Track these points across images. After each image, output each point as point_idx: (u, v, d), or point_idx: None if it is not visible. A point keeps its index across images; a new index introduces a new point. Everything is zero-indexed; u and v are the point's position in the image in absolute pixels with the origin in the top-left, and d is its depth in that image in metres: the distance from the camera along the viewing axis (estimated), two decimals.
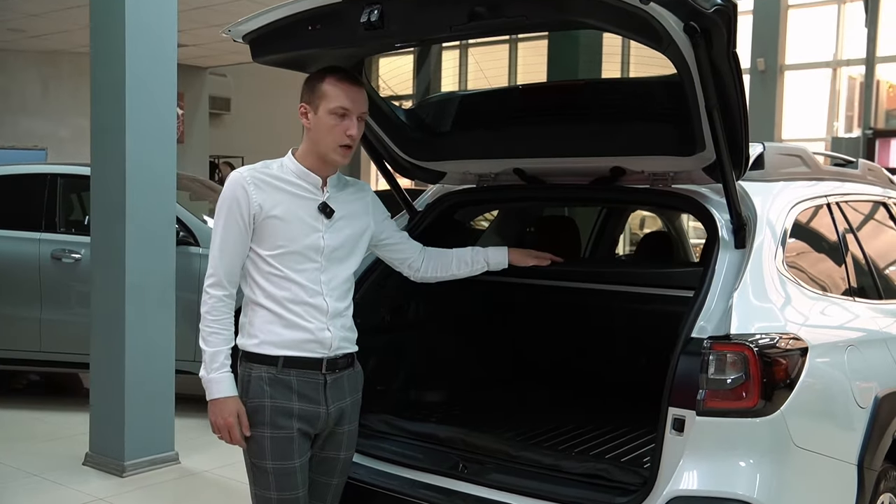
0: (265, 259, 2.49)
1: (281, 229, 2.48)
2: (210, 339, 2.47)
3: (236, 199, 2.46)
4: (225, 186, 2.51)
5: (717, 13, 2.18)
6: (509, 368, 3.96)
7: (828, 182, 3.31)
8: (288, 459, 2.48)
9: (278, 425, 2.48)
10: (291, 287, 2.49)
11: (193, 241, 5.87)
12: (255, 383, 2.49)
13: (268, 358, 2.49)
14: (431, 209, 3.39)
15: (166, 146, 4.88)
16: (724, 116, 2.43)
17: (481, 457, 2.83)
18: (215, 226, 2.51)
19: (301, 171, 2.55)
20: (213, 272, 2.49)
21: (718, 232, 2.67)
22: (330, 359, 2.54)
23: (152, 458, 4.85)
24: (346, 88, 2.51)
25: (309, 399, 2.51)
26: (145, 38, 4.69)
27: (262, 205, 2.46)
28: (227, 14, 9.75)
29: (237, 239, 2.48)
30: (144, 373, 4.79)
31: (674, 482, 2.37)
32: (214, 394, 2.46)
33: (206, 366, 2.47)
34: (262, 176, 2.51)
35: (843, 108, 12.77)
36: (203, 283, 2.47)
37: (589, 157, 3.01)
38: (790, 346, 2.45)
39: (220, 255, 2.49)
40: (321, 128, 2.51)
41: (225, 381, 2.46)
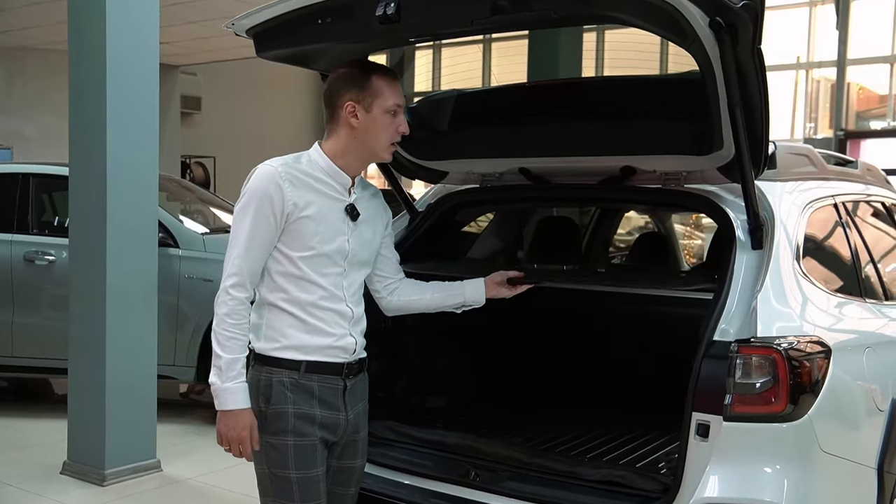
0: (293, 261, 2.36)
1: (312, 231, 2.36)
2: (228, 344, 2.31)
3: (269, 195, 2.31)
4: (255, 179, 2.35)
5: (744, 8, 2.13)
6: (512, 373, 3.90)
7: (833, 182, 3.29)
8: (312, 468, 2.38)
9: (302, 433, 2.37)
10: (317, 291, 2.38)
11: (172, 242, 5.79)
12: (276, 388, 2.37)
13: (290, 362, 2.37)
14: (433, 210, 3.31)
15: (148, 145, 4.75)
16: (746, 115, 2.38)
17: (493, 464, 2.76)
18: (240, 221, 2.34)
19: (332, 170, 2.42)
20: (237, 272, 2.33)
21: (735, 232, 2.62)
22: (349, 363, 2.45)
23: (134, 465, 4.74)
24: (396, 85, 2.43)
25: (329, 405, 2.42)
26: (127, 34, 4.57)
27: (297, 203, 2.33)
28: (200, 11, 9.60)
29: (266, 237, 2.34)
30: (126, 378, 4.67)
31: (700, 489, 2.31)
32: (229, 405, 2.32)
33: (222, 373, 2.31)
34: (294, 172, 2.36)
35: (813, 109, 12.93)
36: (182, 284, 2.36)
37: (598, 157, 2.95)
38: (815, 349, 2.41)
39: (245, 254, 2.33)
40: (376, 126, 2.40)
41: (241, 392, 2.32)
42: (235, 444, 2.33)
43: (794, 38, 12.43)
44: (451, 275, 2.87)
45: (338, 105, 2.41)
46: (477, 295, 2.76)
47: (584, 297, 3.74)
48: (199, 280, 5.72)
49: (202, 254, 5.81)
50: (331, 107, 2.44)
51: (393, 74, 2.45)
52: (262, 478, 2.44)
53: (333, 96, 2.43)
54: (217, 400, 2.33)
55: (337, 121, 2.43)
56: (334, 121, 2.44)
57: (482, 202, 3.43)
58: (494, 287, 2.78)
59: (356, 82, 2.40)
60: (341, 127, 2.42)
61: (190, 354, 5.72)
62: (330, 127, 2.45)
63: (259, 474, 2.45)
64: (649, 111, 2.81)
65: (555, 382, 3.90)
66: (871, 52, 12.08)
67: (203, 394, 7.05)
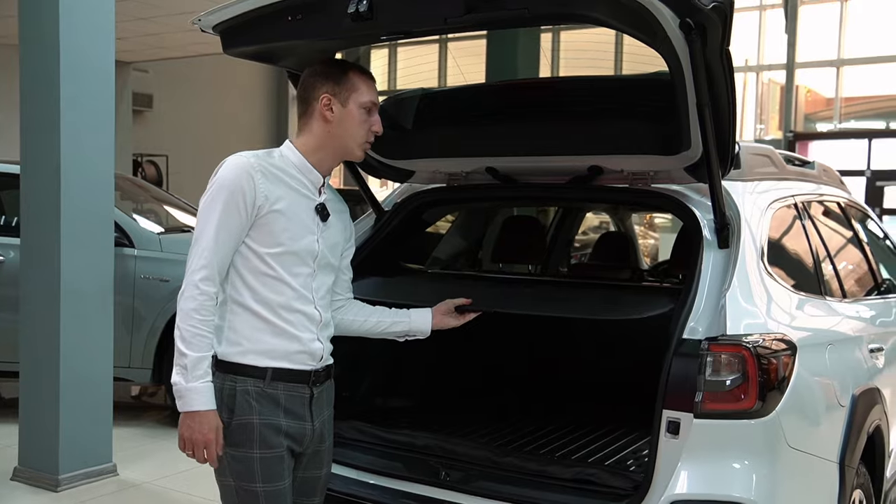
0: (262, 257, 2.27)
1: (283, 226, 2.28)
2: (194, 341, 2.20)
3: (240, 186, 2.22)
4: (226, 169, 2.26)
5: (714, 10, 2.15)
6: (478, 374, 3.90)
7: (793, 182, 3.35)
8: (278, 480, 2.30)
9: (268, 444, 2.28)
10: (286, 291, 2.30)
11: (127, 242, 5.70)
12: (240, 398, 2.27)
13: (254, 370, 2.27)
14: (400, 209, 3.30)
15: (104, 142, 4.66)
16: (714, 115, 2.41)
17: (463, 464, 2.75)
18: (208, 212, 2.24)
19: (304, 166, 2.36)
20: (206, 264, 2.21)
21: (702, 232, 2.65)
22: (316, 371, 2.37)
23: (88, 470, 4.65)
24: (372, 83, 2.41)
25: (295, 415, 2.33)
26: (81, 28, 4.48)
27: (268, 196, 2.25)
28: (152, 7, 9.44)
29: (235, 230, 2.24)
30: (81, 380, 4.58)
31: (671, 486, 2.33)
32: (194, 405, 2.20)
33: (187, 373, 2.19)
34: (266, 164, 2.29)
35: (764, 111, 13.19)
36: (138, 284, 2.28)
37: (565, 156, 2.97)
38: (782, 346, 2.45)
39: (214, 246, 2.22)
40: (350, 121, 2.36)
41: (207, 392, 2.21)
42: (201, 447, 2.22)
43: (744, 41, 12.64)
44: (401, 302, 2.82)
45: (312, 98, 2.37)
46: (423, 325, 2.72)
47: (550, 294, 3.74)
48: (155, 280, 5.63)
49: (158, 254, 5.73)
50: (305, 100, 2.39)
51: (370, 74, 2.43)
52: (227, 490, 2.34)
53: (308, 89, 2.38)
54: (181, 401, 2.22)
55: (311, 114, 2.38)
56: (308, 114, 2.38)
57: (449, 201, 3.42)
58: (441, 318, 2.74)
59: (333, 76, 2.36)
60: (315, 120, 2.37)
61: (146, 356, 5.64)
62: (303, 121, 2.40)
63: (223, 487, 2.35)
64: (617, 111, 2.83)
65: (520, 382, 3.90)
66: (819, 55, 12.36)
67: (156, 395, 6.95)
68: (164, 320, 5.59)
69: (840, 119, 12.35)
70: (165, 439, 5.55)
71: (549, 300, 3.16)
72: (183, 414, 2.23)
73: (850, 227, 3.89)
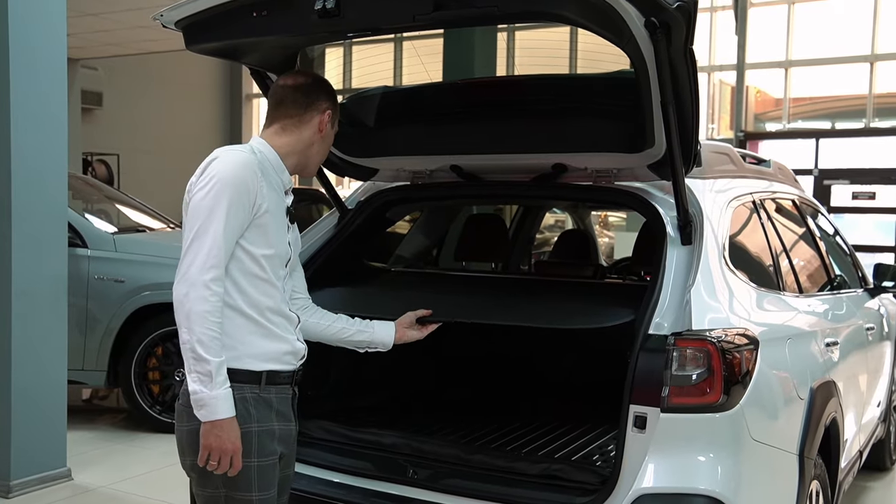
0: (257, 259, 2.20)
1: (273, 228, 2.24)
2: (213, 345, 2.08)
3: (245, 183, 2.15)
4: (228, 165, 2.15)
5: (678, 9, 2.19)
6: (444, 371, 3.90)
7: (750, 180, 3.41)
8: (271, 488, 2.26)
9: (265, 452, 2.23)
10: (275, 294, 2.26)
11: (80, 242, 5.60)
12: (240, 406, 2.17)
13: (250, 374, 2.21)
14: (363, 207, 3.28)
15: (56, 140, 4.57)
16: (678, 113, 2.44)
17: (430, 461, 2.75)
18: (213, 210, 2.11)
19: (280, 168, 2.31)
20: (216, 264, 2.10)
21: (666, 229, 2.69)
22: (297, 371, 2.35)
23: (42, 475, 4.55)
24: None
25: (284, 417, 2.30)
26: (32, 23, 4.37)
27: (266, 196, 2.20)
28: (103, 2, 9.26)
29: (238, 229, 2.16)
30: (33, 383, 4.49)
31: (638, 480, 2.36)
32: (220, 414, 2.10)
33: (210, 380, 2.08)
34: (261, 163, 2.25)
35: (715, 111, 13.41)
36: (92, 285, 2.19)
37: (530, 154, 2.98)
38: (744, 341, 2.49)
39: (223, 245, 2.11)
40: (328, 142, 2.42)
41: (230, 399, 2.12)
42: (228, 455, 2.12)
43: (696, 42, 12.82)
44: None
45: (316, 107, 2.34)
46: (386, 338, 2.72)
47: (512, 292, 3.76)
48: (109, 281, 5.54)
49: (112, 254, 5.63)
50: (302, 106, 2.33)
51: None
52: (215, 500, 2.25)
53: (312, 97, 2.34)
54: (204, 409, 2.11)
55: (306, 121, 2.33)
56: (301, 120, 2.33)
57: (413, 199, 3.41)
58: (403, 331, 2.74)
59: (334, 96, 2.37)
60: (307, 128, 2.34)
61: (100, 358, 5.54)
62: (289, 123, 2.33)
63: (209, 497, 2.25)
64: (582, 109, 2.86)
65: (487, 379, 3.92)
66: (768, 56, 12.61)
67: (108, 399, 6.83)
68: (119, 322, 5.50)
69: (788, 119, 12.61)
70: (120, 443, 5.47)
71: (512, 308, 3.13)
72: (208, 424, 2.12)
73: (804, 223, 3.97)
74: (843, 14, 12.35)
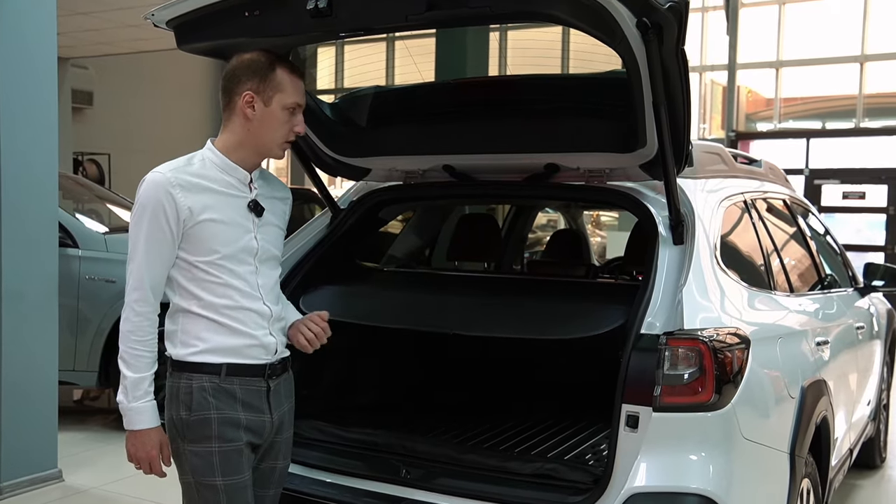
0: (199, 267, 2.26)
1: (214, 233, 2.25)
2: (133, 362, 2.23)
3: (161, 205, 2.21)
4: (144, 189, 2.24)
5: (670, 9, 2.20)
6: (437, 371, 3.90)
7: (742, 180, 3.42)
8: (238, 473, 2.30)
9: (227, 437, 2.28)
10: (232, 294, 2.28)
11: (71, 242, 5.59)
12: (197, 395, 2.27)
13: (210, 366, 2.28)
14: (356, 207, 3.28)
15: (46, 140, 4.55)
16: (670, 113, 2.45)
17: (423, 461, 2.75)
18: (135, 233, 2.25)
19: (228, 166, 2.31)
20: (138, 286, 2.23)
21: (658, 228, 2.69)
22: (271, 364, 2.36)
23: (33, 476, 4.54)
24: (299, 83, 2.33)
25: (253, 408, 2.33)
26: (21, 20, 4.36)
27: (192, 208, 2.22)
28: (93, 1, 9.22)
29: (163, 248, 2.24)
30: (24, 384, 4.47)
31: (630, 479, 2.36)
32: (136, 425, 2.26)
33: (128, 393, 2.24)
34: (186, 177, 2.25)
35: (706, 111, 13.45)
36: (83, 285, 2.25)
37: (522, 154, 2.98)
38: (736, 340, 2.50)
39: (145, 266, 2.23)
40: (271, 121, 2.29)
41: (148, 412, 2.26)
42: (146, 463, 2.29)
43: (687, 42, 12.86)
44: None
45: (235, 93, 2.29)
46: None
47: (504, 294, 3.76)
48: (100, 281, 5.52)
49: (104, 254, 5.62)
50: (227, 93, 2.31)
51: (299, 72, 2.35)
52: (188, 488, 2.34)
53: (232, 82, 2.30)
54: (125, 419, 2.28)
55: (232, 109, 2.31)
56: (229, 109, 2.31)
57: (406, 199, 3.41)
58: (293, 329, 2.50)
59: (259, 72, 2.28)
60: (235, 116, 2.30)
61: (92, 359, 5.53)
62: (224, 116, 2.33)
63: (184, 485, 2.35)
64: (574, 109, 2.86)
65: (479, 378, 3.92)
66: (759, 57, 12.66)
67: (99, 399, 6.81)
68: (110, 322, 5.48)
69: (779, 119, 12.66)
70: (112, 443, 5.44)
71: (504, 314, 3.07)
72: (128, 432, 2.29)
73: (795, 223, 3.99)
74: (833, 14, 12.41)
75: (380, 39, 13.45)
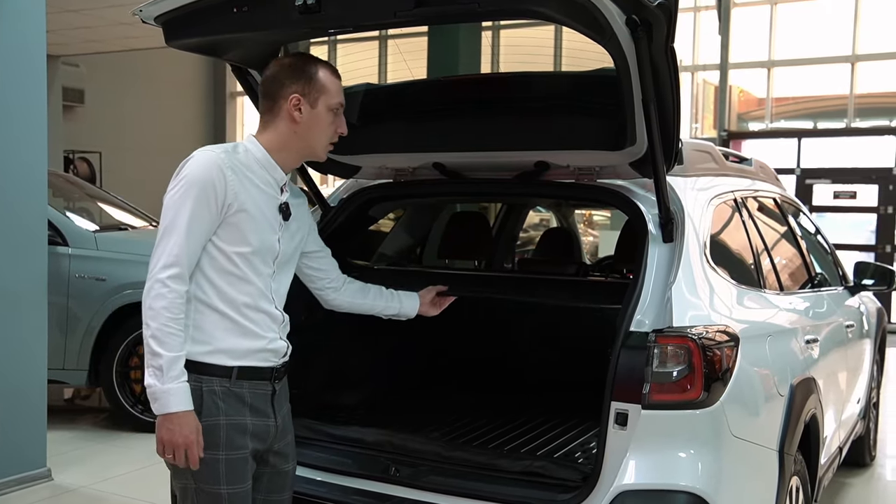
0: (229, 257, 2.23)
1: (250, 226, 2.24)
2: (167, 340, 2.12)
3: (212, 183, 2.17)
4: (195, 165, 2.19)
5: (659, 7, 2.19)
6: (426, 369, 3.89)
7: (732, 178, 3.42)
8: (242, 482, 2.27)
9: (234, 445, 2.25)
10: (252, 291, 2.26)
11: (61, 240, 5.56)
12: (207, 399, 2.21)
13: (221, 369, 2.23)
14: (346, 205, 3.27)
15: (35, 137, 4.53)
16: (659, 111, 2.44)
17: (412, 459, 2.75)
18: (178, 208, 2.17)
19: (269, 164, 2.32)
20: (175, 262, 2.14)
21: (647, 226, 2.69)
22: (277, 368, 2.36)
23: (21, 476, 4.52)
24: (338, 82, 2.37)
25: (259, 412, 2.31)
26: (10, 18, 4.33)
27: (238, 194, 2.21)
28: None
29: (205, 227, 2.18)
30: (12, 383, 4.45)
31: (619, 477, 2.36)
32: (172, 407, 2.13)
33: (162, 374, 2.12)
34: (235, 162, 2.25)
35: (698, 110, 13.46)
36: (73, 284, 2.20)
37: (512, 152, 2.98)
38: (725, 338, 2.50)
39: (185, 243, 2.15)
40: (318, 123, 2.33)
41: (184, 393, 2.15)
42: (181, 449, 2.15)
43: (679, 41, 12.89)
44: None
45: (280, 96, 2.31)
46: (410, 310, 2.88)
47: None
48: (91, 279, 5.50)
49: (94, 252, 5.60)
50: (271, 97, 2.33)
51: (337, 73, 2.39)
52: (186, 493, 2.28)
53: (275, 86, 2.32)
54: (157, 403, 2.15)
55: (277, 113, 2.33)
56: (273, 113, 2.33)
57: (396, 197, 3.41)
58: (426, 306, 2.91)
59: (303, 75, 2.31)
60: (281, 120, 2.32)
61: (81, 357, 5.51)
62: (267, 119, 2.35)
63: (181, 489, 2.29)
64: (564, 107, 2.86)
65: (468, 376, 3.91)
66: (751, 56, 12.68)
67: (90, 398, 6.78)
68: (100, 320, 5.47)
69: (771, 119, 12.67)
70: (101, 442, 5.43)
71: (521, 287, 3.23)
72: (161, 417, 2.16)
73: (785, 221, 3.99)
74: (824, 15, 12.44)
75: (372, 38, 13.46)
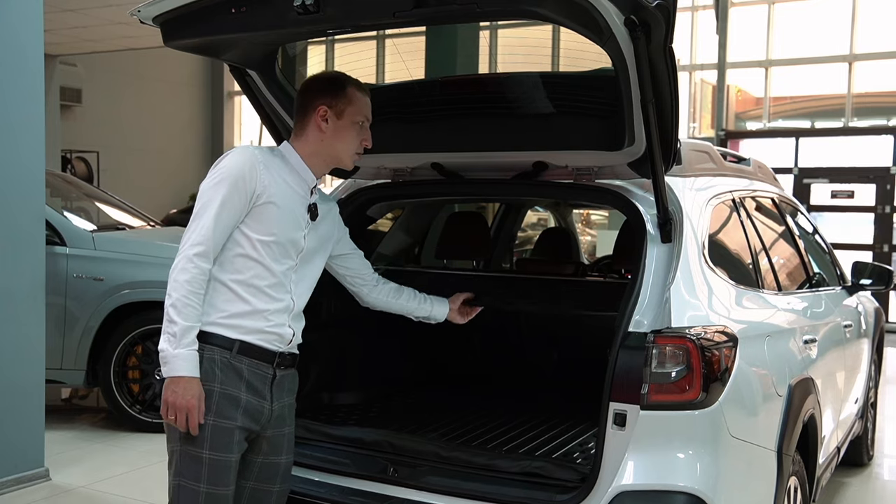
0: (254, 243, 2.40)
1: (276, 217, 2.41)
2: (185, 311, 2.29)
3: (243, 174, 2.37)
4: (232, 158, 2.41)
5: (657, 7, 2.19)
6: (424, 370, 3.89)
7: (730, 178, 3.42)
8: (226, 451, 2.36)
9: (224, 414, 2.36)
10: (268, 277, 2.42)
11: (59, 240, 5.56)
12: (206, 365, 2.35)
13: (223, 339, 2.37)
14: (345, 205, 3.26)
15: (33, 137, 4.52)
16: (658, 111, 2.45)
17: (411, 459, 2.75)
18: (212, 195, 2.36)
19: (301, 167, 2.52)
20: (202, 241, 2.33)
21: (646, 227, 2.69)
22: (282, 353, 2.47)
23: (19, 476, 4.51)
24: (367, 100, 2.55)
25: (255, 391, 2.42)
26: (7, 17, 4.33)
27: (267, 186, 2.40)
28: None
29: (234, 215, 2.37)
30: (10, 383, 4.45)
31: (618, 477, 2.36)
32: (179, 371, 2.28)
33: (175, 340, 2.28)
34: (270, 160, 2.46)
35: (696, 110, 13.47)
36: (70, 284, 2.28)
37: (511, 152, 2.98)
38: (723, 339, 2.50)
39: (214, 226, 2.34)
40: (343, 134, 2.51)
41: (192, 359, 2.30)
42: (183, 412, 2.29)
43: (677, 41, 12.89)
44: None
45: (310, 107, 2.50)
46: (440, 315, 3.02)
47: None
48: (88, 279, 5.49)
49: (92, 252, 5.59)
50: (303, 108, 2.52)
51: (367, 91, 2.56)
52: (173, 456, 2.41)
53: (307, 98, 2.52)
54: (166, 367, 2.30)
55: (307, 123, 2.51)
56: (304, 122, 2.52)
57: (394, 197, 3.41)
58: (454, 313, 3.04)
59: (332, 89, 2.50)
60: (310, 130, 2.51)
61: (79, 358, 5.50)
62: (299, 127, 2.54)
63: (170, 453, 2.42)
64: (562, 107, 2.86)
65: (467, 376, 3.91)
66: (749, 56, 12.68)
67: (88, 398, 6.78)
68: (98, 320, 5.46)
69: (769, 118, 12.68)
70: (99, 442, 5.43)
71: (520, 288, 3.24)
72: (168, 379, 2.31)
73: (783, 221, 4.00)
74: (822, 14, 12.45)
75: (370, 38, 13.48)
